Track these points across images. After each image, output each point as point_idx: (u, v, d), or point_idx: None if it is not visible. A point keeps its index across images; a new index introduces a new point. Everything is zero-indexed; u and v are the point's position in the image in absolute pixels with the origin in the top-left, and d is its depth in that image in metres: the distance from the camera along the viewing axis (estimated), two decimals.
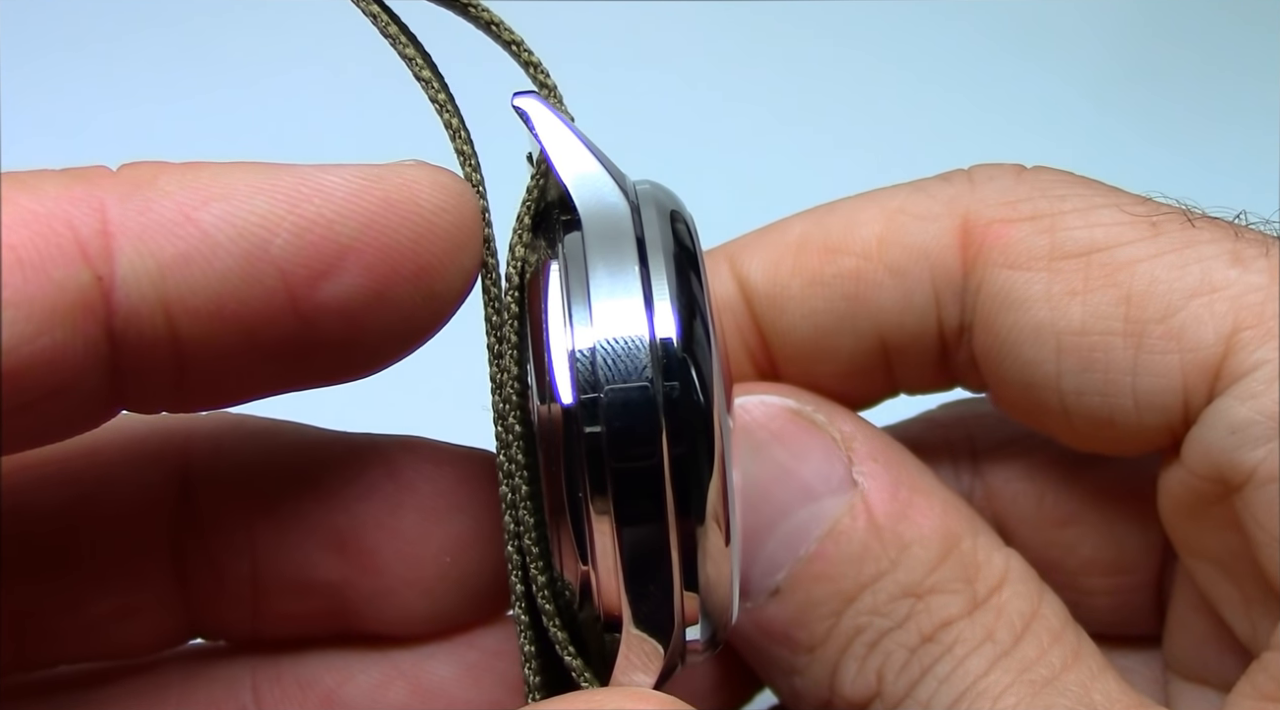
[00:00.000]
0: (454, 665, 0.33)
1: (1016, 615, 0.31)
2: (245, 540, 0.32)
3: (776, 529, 0.32)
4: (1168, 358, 0.30)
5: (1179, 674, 0.35)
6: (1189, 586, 0.33)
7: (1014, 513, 0.36)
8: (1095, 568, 0.36)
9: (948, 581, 0.31)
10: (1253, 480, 0.29)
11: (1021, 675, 0.30)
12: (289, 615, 0.33)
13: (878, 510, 0.31)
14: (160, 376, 0.26)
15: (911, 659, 0.30)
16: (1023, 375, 0.32)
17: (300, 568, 0.32)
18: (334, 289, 0.25)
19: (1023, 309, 0.32)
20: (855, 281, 0.33)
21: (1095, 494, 0.35)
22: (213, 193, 0.25)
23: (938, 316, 0.34)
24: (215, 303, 0.25)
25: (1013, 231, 0.32)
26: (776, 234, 0.35)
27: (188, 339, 0.25)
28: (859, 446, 0.32)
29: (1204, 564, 0.32)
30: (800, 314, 0.34)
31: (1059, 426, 0.33)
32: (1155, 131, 0.80)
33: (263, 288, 0.25)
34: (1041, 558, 0.34)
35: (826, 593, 0.31)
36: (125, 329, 0.24)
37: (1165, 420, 0.31)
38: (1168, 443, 0.31)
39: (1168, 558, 0.35)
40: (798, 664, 0.32)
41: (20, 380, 0.23)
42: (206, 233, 0.24)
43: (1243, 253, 0.30)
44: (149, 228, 0.24)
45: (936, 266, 0.33)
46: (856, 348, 0.34)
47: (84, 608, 0.31)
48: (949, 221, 0.33)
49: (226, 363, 0.26)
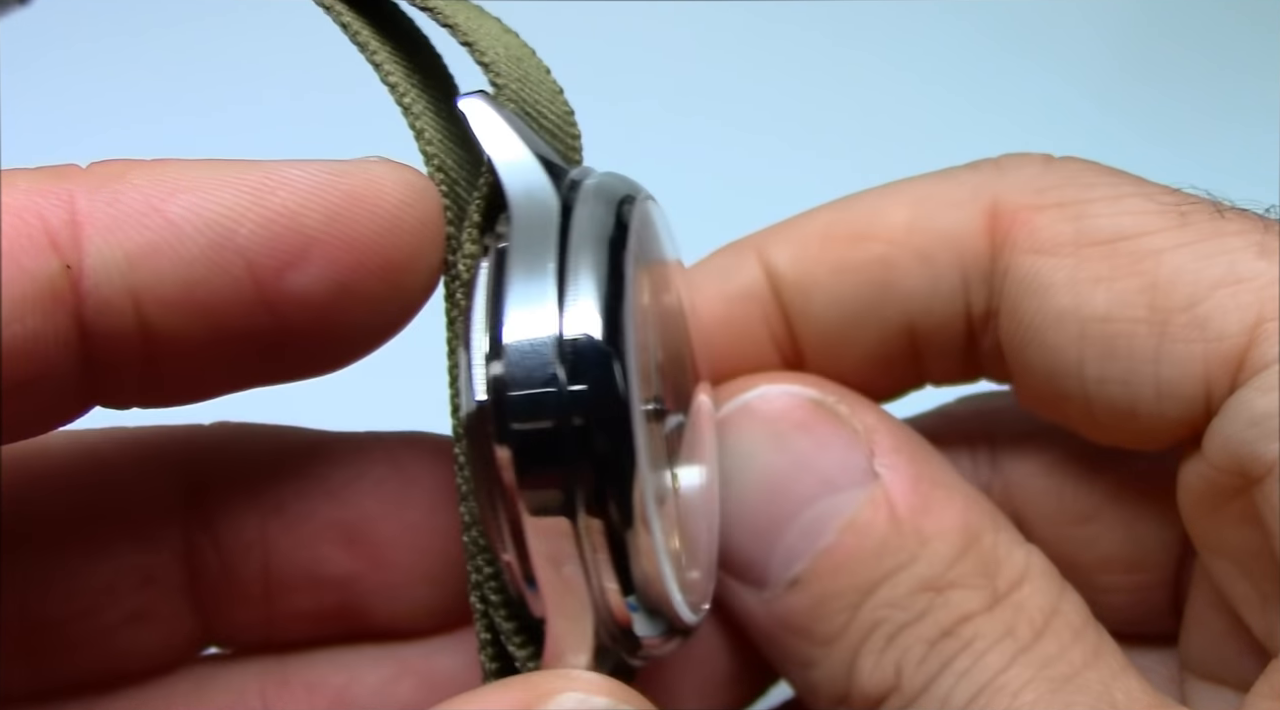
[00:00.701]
0: (461, 657, 0.34)
1: (1037, 611, 0.30)
2: (256, 538, 0.32)
3: (796, 519, 0.31)
4: (1191, 346, 0.30)
5: (1195, 673, 0.34)
6: (1207, 585, 0.33)
7: (1032, 508, 0.36)
8: (1113, 565, 0.35)
9: (968, 576, 0.31)
10: (1273, 473, 0.29)
11: (1041, 671, 0.29)
12: (300, 613, 0.33)
13: (899, 503, 0.31)
14: (131, 368, 0.26)
15: (930, 653, 0.30)
16: (1046, 362, 0.32)
17: (311, 563, 0.33)
18: (301, 279, 0.26)
19: (1047, 295, 0.31)
20: (882, 268, 0.33)
21: (1114, 491, 0.35)
22: (179, 186, 0.25)
23: (965, 302, 0.33)
24: (183, 292, 0.25)
25: (1039, 217, 0.32)
26: (803, 223, 0.35)
27: (157, 329, 0.25)
28: (881, 439, 0.32)
29: (1222, 561, 0.32)
30: (827, 301, 0.34)
31: (1081, 417, 0.33)
32: (1156, 130, 0.79)
33: (230, 277, 0.25)
34: (1059, 554, 0.33)
35: (845, 585, 0.31)
36: (95, 318, 0.25)
37: (1186, 411, 0.30)
38: (1189, 435, 0.31)
39: (1186, 556, 0.35)
40: (815, 656, 0.32)
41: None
42: (173, 223, 0.25)
43: (1270, 246, 0.30)
44: (117, 219, 0.25)
45: (964, 252, 0.33)
46: (883, 335, 0.34)
47: (95, 615, 0.31)
48: (977, 207, 0.33)
49: (196, 354, 0.26)
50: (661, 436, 0.28)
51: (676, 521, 0.29)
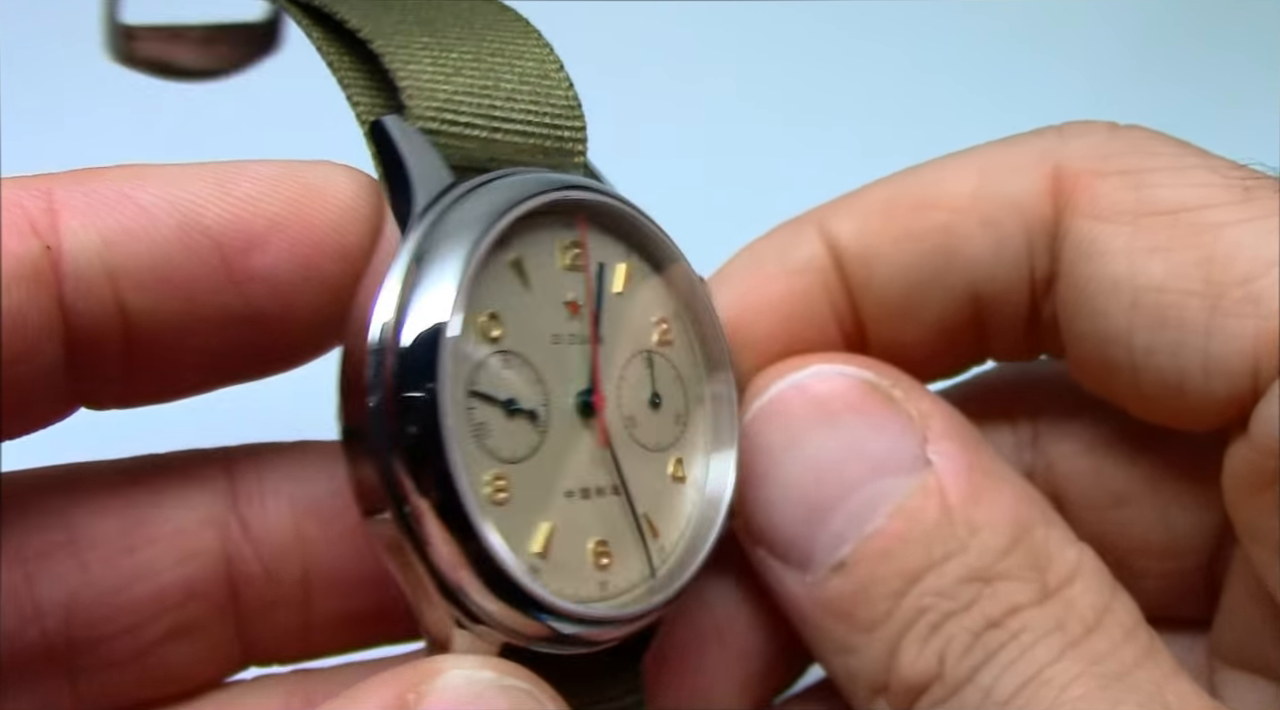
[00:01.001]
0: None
1: (1088, 609, 0.30)
2: (295, 544, 0.33)
3: (845, 502, 0.31)
4: (1242, 322, 0.29)
5: (1227, 661, 0.34)
6: (1246, 573, 0.33)
7: (1071, 488, 0.36)
8: (1147, 549, 0.35)
9: (1017, 568, 0.30)
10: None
11: (1091, 667, 0.29)
12: (338, 615, 0.34)
13: (950, 491, 0.30)
14: (111, 349, 0.29)
15: (975, 643, 0.29)
16: (1097, 330, 0.32)
17: (348, 563, 0.33)
18: (265, 260, 0.29)
19: (1103, 260, 0.31)
20: (947, 235, 0.33)
21: (1153, 474, 0.35)
22: (149, 177, 0.28)
23: (1029, 268, 0.33)
24: (156, 271, 0.28)
25: (1101, 184, 0.31)
26: (864, 195, 0.34)
27: (134, 308, 0.28)
28: (935, 425, 0.31)
29: (1264, 549, 0.31)
30: (891, 271, 0.34)
31: (1127, 390, 0.32)
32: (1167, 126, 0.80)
33: (199, 257, 0.28)
34: (1094, 535, 0.33)
35: (891, 570, 0.30)
36: (75, 296, 0.27)
37: (1233, 389, 0.30)
38: (1235, 416, 0.30)
39: (1222, 543, 0.34)
40: (856, 642, 0.31)
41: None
42: (144, 208, 0.28)
43: None
44: (91, 206, 0.27)
45: (1029, 216, 0.32)
46: (948, 304, 0.34)
47: (140, 630, 0.32)
48: (1040, 172, 0.32)
49: (172, 338, 0.29)
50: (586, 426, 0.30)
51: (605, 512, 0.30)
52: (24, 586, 0.32)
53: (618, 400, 0.31)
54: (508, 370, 0.29)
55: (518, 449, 0.29)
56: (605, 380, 0.31)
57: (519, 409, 0.29)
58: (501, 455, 0.28)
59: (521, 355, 0.29)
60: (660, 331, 0.33)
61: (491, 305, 0.29)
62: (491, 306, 0.29)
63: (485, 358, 0.29)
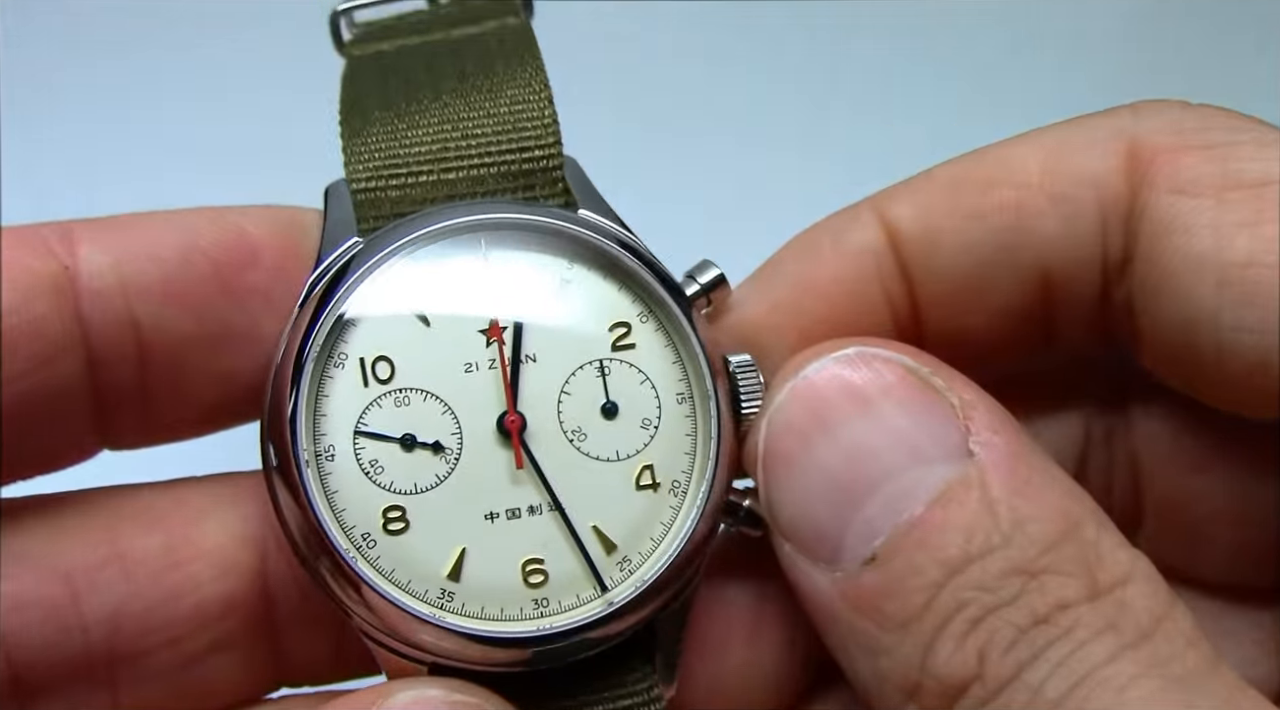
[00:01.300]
0: None
1: (1144, 613, 0.27)
2: None
3: (880, 490, 0.29)
4: None
5: None
6: None
7: (1149, 451, 0.34)
8: (1222, 518, 0.33)
9: (1065, 562, 0.28)
10: None
11: (1152, 669, 0.27)
12: None
13: (994, 483, 0.28)
14: (127, 363, 0.32)
15: (1020, 639, 0.27)
16: (1179, 310, 0.30)
17: None
18: (258, 276, 0.33)
19: (1187, 236, 0.29)
20: (1016, 212, 0.31)
21: (1233, 443, 0.33)
22: (152, 216, 0.33)
23: (1103, 247, 0.31)
24: (163, 286, 0.32)
25: (1182, 158, 0.30)
26: (924, 179, 0.33)
27: (145, 321, 0.32)
28: (979, 416, 0.29)
29: None
30: (957, 249, 0.32)
31: (1210, 374, 0.30)
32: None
33: (199, 274, 0.32)
34: (1168, 499, 0.32)
35: (929, 561, 0.28)
36: (92, 310, 0.31)
37: None
38: None
39: None
40: (886, 642, 0.29)
41: (16, 340, 0.30)
42: (148, 235, 0.32)
43: None
44: (103, 234, 0.32)
45: (1103, 192, 0.31)
46: (1015, 285, 0.32)
47: (181, 643, 0.34)
48: (1115, 148, 0.31)
49: (181, 350, 0.32)
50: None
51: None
52: (69, 602, 0.33)
53: (557, 416, 0.32)
54: (403, 408, 0.31)
55: (420, 480, 0.31)
56: (540, 398, 0.32)
57: (418, 443, 0.31)
58: (399, 488, 0.31)
59: (423, 390, 0.31)
60: (616, 337, 0.32)
61: (381, 348, 0.31)
62: (381, 349, 0.31)
63: (376, 398, 0.31)
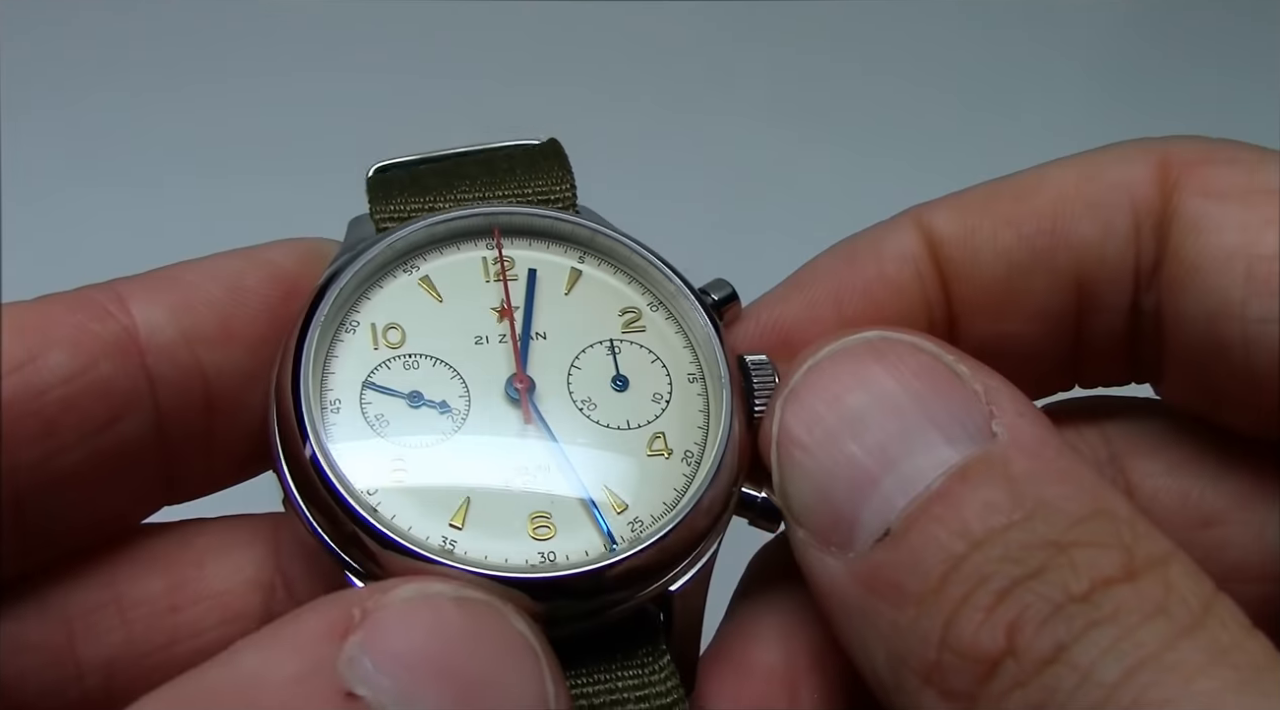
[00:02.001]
0: None
1: (1191, 595, 0.26)
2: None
3: (895, 467, 0.28)
4: None
5: None
6: None
7: (1155, 511, 0.33)
8: (1243, 573, 0.32)
9: (1096, 535, 0.26)
10: None
11: (1220, 658, 0.25)
12: None
13: (1018, 462, 0.27)
14: (195, 416, 0.33)
15: (1057, 616, 0.26)
16: (1206, 304, 0.30)
17: None
18: (296, 306, 0.33)
19: (1215, 233, 0.30)
20: (1052, 217, 0.32)
21: (1246, 492, 0.32)
22: (188, 266, 0.34)
23: (1136, 252, 0.32)
24: (221, 327, 0.33)
25: (1212, 168, 0.31)
26: (964, 193, 0.34)
27: (210, 367, 0.33)
28: (1003, 402, 0.29)
29: None
30: (995, 252, 0.33)
31: (1236, 372, 0.30)
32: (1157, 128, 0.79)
33: (252, 312, 0.33)
34: None
35: (948, 533, 0.27)
36: (158, 364, 0.32)
37: None
38: None
39: None
40: (901, 620, 0.27)
41: (85, 403, 0.31)
42: (194, 283, 0.33)
43: None
44: (152, 289, 0.33)
45: (1136, 199, 0.32)
46: (1052, 290, 0.33)
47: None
48: (1147, 160, 0.32)
49: (246, 391, 0.33)
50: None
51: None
52: (66, 645, 0.32)
53: (567, 386, 0.33)
54: (411, 370, 0.33)
55: (426, 435, 0.32)
56: (549, 369, 0.34)
57: (425, 400, 0.33)
58: (405, 442, 0.32)
59: (432, 356, 0.33)
60: (626, 321, 0.35)
61: (392, 317, 0.34)
62: (392, 318, 0.34)
63: (385, 360, 0.33)
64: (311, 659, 0.25)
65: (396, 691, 0.25)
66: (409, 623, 0.26)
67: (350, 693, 0.25)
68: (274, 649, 0.26)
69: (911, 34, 0.87)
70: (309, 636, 0.26)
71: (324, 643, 0.26)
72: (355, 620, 0.26)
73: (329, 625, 0.26)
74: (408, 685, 0.25)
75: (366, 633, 0.26)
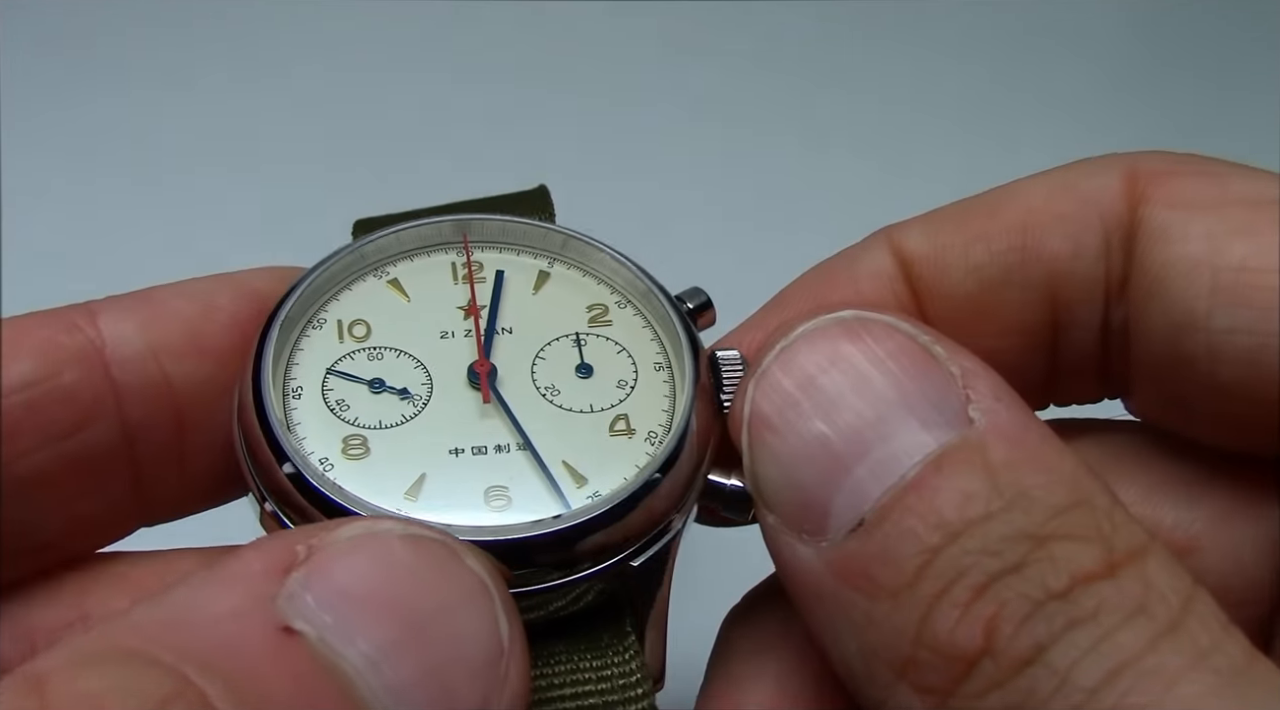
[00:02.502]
0: None
1: (1170, 592, 0.25)
2: None
3: (869, 454, 0.27)
4: None
5: None
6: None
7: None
8: (1222, 598, 0.30)
9: (1075, 527, 0.26)
10: None
11: (1200, 661, 0.24)
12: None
13: (995, 450, 0.27)
14: (165, 429, 0.34)
15: (1036, 614, 0.25)
16: (1171, 314, 0.30)
17: None
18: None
19: (1181, 244, 0.30)
20: (1022, 233, 0.33)
21: (1221, 513, 0.32)
22: (168, 285, 0.35)
23: (1106, 263, 0.32)
24: (189, 339, 0.34)
25: (1179, 179, 0.31)
26: (933, 212, 0.35)
27: (177, 378, 0.34)
28: (981, 385, 0.28)
29: None
30: (966, 269, 0.33)
31: (1202, 382, 0.30)
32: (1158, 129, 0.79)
33: (220, 325, 0.34)
34: None
35: (923, 525, 0.26)
36: (123, 374, 0.33)
37: None
38: None
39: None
40: (875, 612, 0.27)
41: (47, 408, 0.32)
42: (166, 299, 0.34)
43: None
44: (123, 305, 0.34)
45: (1105, 210, 0.32)
46: (1024, 303, 0.33)
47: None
48: (1115, 172, 0.32)
49: (215, 404, 0.34)
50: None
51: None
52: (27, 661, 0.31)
53: (530, 375, 0.34)
54: (375, 361, 0.34)
55: (385, 418, 0.33)
56: (513, 359, 0.35)
57: (387, 387, 0.34)
58: (363, 423, 0.33)
59: (397, 349, 0.35)
60: (594, 315, 0.36)
61: (359, 314, 0.35)
62: (359, 315, 0.35)
63: (350, 351, 0.34)
64: (250, 594, 0.25)
65: (337, 626, 0.24)
66: (354, 558, 0.26)
67: (288, 628, 0.24)
68: (210, 585, 0.25)
69: (909, 39, 0.87)
70: (248, 572, 0.25)
71: (264, 579, 0.25)
72: (299, 557, 0.25)
73: (271, 562, 0.25)
74: (349, 620, 0.24)
75: (310, 568, 0.25)
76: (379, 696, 0.24)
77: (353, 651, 0.24)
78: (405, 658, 0.25)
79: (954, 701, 0.26)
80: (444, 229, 0.37)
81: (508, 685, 0.26)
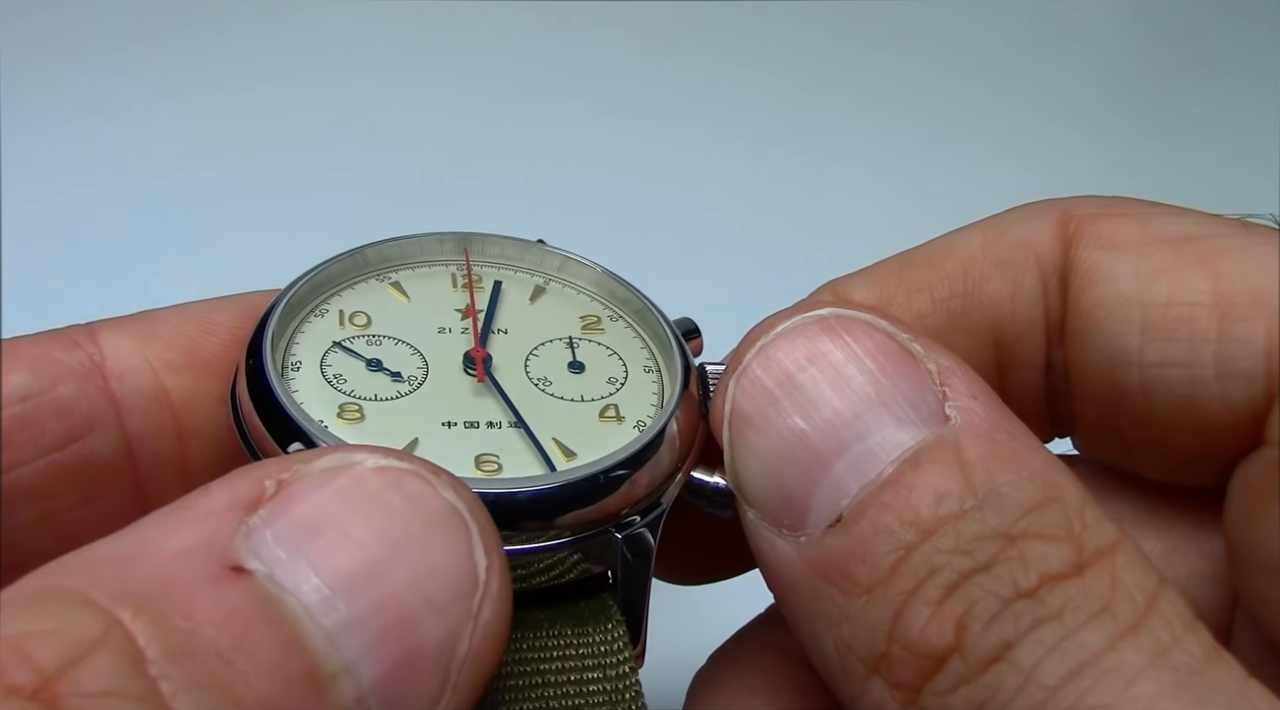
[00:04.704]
0: None
1: (1136, 589, 0.26)
2: None
3: (847, 452, 0.28)
4: (1253, 325, 0.29)
5: None
6: (1249, 635, 0.31)
7: None
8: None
9: (1046, 527, 0.26)
10: None
11: (1159, 659, 0.25)
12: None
13: (970, 447, 0.27)
14: (166, 441, 0.35)
15: (1005, 612, 0.25)
16: (1105, 355, 0.31)
17: None
18: None
19: (1110, 283, 0.31)
20: (964, 279, 0.34)
21: (1169, 549, 0.33)
22: (171, 307, 0.36)
23: (1044, 306, 0.33)
24: (187, 353, 0.35)
25: (1107, 221, 0.33)
26: (878, 264, 0.35)
27: (176, 392, 0.34)
28: (957, 383, 0.29)
29: (1266, 579, 0.29)
30: (910, 320, 0.33)
31: (1138, 417, 0.31)
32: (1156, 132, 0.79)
33: (220, 340, 0.35)
34: None
35: (899, 522, 0.26)
36: (122, 388, 0.34)
37: (1248, 393, 0.29)
38: (1248, 427, 0.29)
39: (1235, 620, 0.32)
40: (851, 608, 0.27)
41: (42, 419, 0.33)
42: (165, 319, 0.35)
43: None
44: (122, 325, 0.35)
45: (1040, 254, 0.33)
46: (970, 349, 0.33)
47: None
48: (1047, 217, 0.34)
49: (214, 418, 0.35)
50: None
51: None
52: None
53: (524, 368, 0.36)
54: (374, 345, 0.36)
55: (381, 392, 0.34)
56: (508, 354, 0.36)
57: (384, 368, 0.35)
58: (360, 395, 0.34)
59: (395, 338, 0.36)
60: (586, 323, 0.38)
61: (362, 307, 0.37)
62: (361, 308, 0.37)
63: (352, 335, 0.36)
64: (207, 531, 0.23)
65: (290, 562, 0.23)
66: (320, 492, 0.24)
67: (238, 566, 0.23)
68: (171, 520, 0.24)
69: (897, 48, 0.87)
70: (212, 508, 0.24)
71: (226, 515, 0.24)
72: (267, 492, 0.24)
73: (237, 497, 0.24)
74: (305, 555, 0.23)
75: (274, 504, 0.24)
76: (331, 636, 0.23)
77: (306, 587, 0.23)
78: (362, 592, 0.23)
79: (923, 698, 0.26)
80: (446, 244, 0.40)
81: (481, 623, 0.25)
